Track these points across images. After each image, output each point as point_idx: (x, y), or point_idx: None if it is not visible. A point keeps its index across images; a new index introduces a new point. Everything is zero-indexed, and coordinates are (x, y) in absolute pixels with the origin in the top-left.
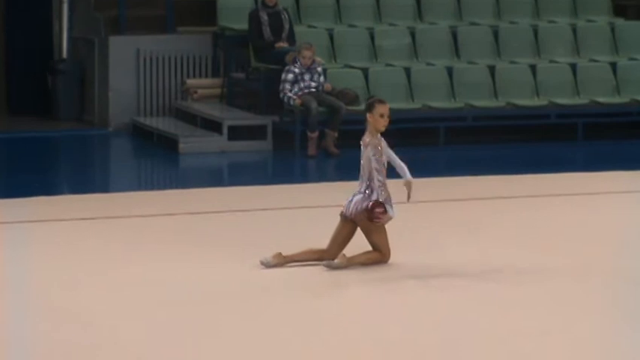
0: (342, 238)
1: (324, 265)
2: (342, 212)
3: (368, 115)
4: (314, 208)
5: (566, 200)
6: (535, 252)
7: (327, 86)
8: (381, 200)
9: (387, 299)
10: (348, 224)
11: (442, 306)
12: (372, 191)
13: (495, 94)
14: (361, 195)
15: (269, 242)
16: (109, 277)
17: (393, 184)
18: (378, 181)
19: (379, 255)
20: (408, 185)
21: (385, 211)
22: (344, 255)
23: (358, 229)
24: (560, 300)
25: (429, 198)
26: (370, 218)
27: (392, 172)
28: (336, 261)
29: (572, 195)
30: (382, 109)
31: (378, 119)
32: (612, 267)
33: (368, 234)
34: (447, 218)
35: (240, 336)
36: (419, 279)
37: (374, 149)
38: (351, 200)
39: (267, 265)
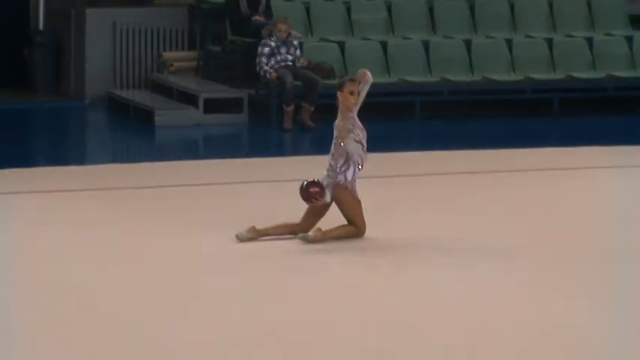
0: (316, 211)
1: (299, 239)
2: None
3: (339, 94)
4: (289, 182)
5: (542, 175)
6: (510, 227)
7: (303, 61)
8: (322, 183)
9: (363, 274)
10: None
11: (419, 281)
12: (348, 167)
13: (471, 69)
14: (326, 171)
15: (244, 216)
16: (84, 250)
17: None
18: (330, 165)
19: (354, 229)
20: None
21: (322, 194)
22: (319, 229)
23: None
24: (536, 277)
25: (404, 172)
26: (305, 197)
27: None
28: (310, 234)
29: (548, 170)
30: (352, 87)
31: (348, 96)
32: (587, 242)
33: (343, 208)
34: (423, 193)
35: (217, 311)
36: (394, 254)
37: (339, 132)
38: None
39: (241, 238)
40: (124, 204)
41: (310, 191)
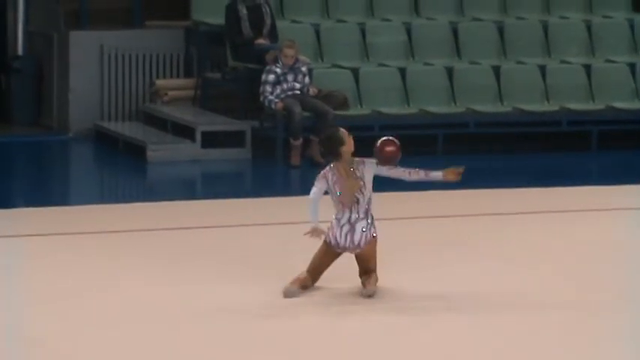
0: (325, 268)
1: (362, 296)
2: (329, 242)
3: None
4: (297, 224)
5: (578, 217)
6: (541, 276)
7: (313, 90)
8: (396, 142)
9: (375, 330)
10: (336, 256)
11: (435, 338)
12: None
13: (500, 98)
14: (364, 221)
15: (246, 261)
16: (68, 300)
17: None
18: (371, 216)
19: (377, 276)
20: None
21: (398, 153)
22: (368, 279)
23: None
24: (561, 331)
25: (424, 213)
26: (386, 159)
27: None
28: (370, 289)
29: (584, 211)
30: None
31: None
32: (626, 295)
33: (370, 259)
34: (445, 237)
35: None
36: (409, 304)
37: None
38: (353, 230)
39: (291, 295)
40: (113, 249)
41: (386, 151)
